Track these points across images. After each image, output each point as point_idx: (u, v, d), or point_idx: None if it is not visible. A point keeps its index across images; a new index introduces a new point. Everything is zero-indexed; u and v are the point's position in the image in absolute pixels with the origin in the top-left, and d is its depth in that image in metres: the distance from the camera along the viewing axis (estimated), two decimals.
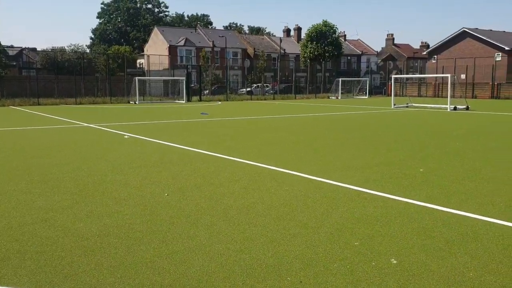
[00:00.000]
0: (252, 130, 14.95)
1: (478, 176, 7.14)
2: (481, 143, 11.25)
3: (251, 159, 8.77)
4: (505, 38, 52.10)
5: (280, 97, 45.27)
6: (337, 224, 4.78)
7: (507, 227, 4.67)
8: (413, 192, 6.14)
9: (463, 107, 25.40)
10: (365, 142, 11.50)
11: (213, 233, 4.50)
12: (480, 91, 45.64)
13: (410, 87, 52.33)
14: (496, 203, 5.55)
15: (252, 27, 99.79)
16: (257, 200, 5.75)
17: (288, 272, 3.59)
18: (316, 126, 16.14)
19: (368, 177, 7.07)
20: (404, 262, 3.77)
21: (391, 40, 74.89)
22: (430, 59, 56.27)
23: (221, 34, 63.96)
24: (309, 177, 7.12)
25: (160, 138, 12.25)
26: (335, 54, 58.35)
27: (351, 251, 4.01)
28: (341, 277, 3.49)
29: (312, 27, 58.51)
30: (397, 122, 17.74)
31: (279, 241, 4.26)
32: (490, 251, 3.99)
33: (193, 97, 40.17)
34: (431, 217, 5.00)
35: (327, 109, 27.14)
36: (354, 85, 52.87)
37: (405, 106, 28.69)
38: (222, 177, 7.12)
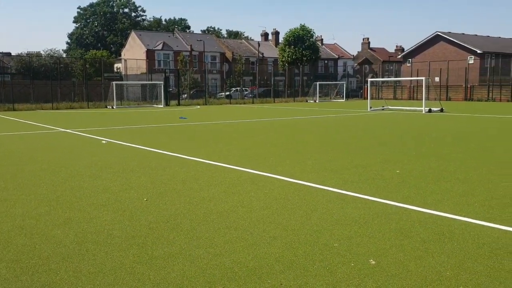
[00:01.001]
0: (231, 134, 14.95)
1: (453, 177, 7.28)
2: (455, 145, 11.48)
3: (231, 163, 8.77)
4: (477, 41, 53.37)
5: (259, 101, 45.37)
6: (316, 226, 4.82)
7: (482, 226, 4.78)
8: (390, 193, 6.23)
9: (438, 109, 25.88)
10: (343, 145, 11.62)
11: (193, 238, 4.49)
12: (454, 93, 46.59)
13: (386, 90, 53.10)
14: (471, 203, 5.67)
15: (230, 31, 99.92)
16: (237, 203, 5.76)
17: (269, 274, 3.61)
18: (295, 130, 16.23)
19: (346, 179, 7.15)
20: (382, 262, 3.83)
21: (367, 44, 75.86)
22: (405, 62, 57.22)
23: (199, 38, 63.80)
24: (289, 180, 7.16)
25: (138, 143, 12.15)
26: (313, 58, 58.82)
27: (331, 253, 4.05)
28: (321, 279, 3.52)
29: (289, 32, 58.89)
30: (374, 125, 17.97)
31: (259, 244, 4.28)
32: (466, 250, 4.08)
33: (172, 102, 39.96)
34: (408, 218, 5.08)
35: (305, 112, 27.32)
36: (332, 89, 53.40)
37: (381, 109, 29.10)
38: (202, 182, 7.11)
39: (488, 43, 54.40)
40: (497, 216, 5.09)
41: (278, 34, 71.54)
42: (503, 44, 56.15)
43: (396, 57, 65.00)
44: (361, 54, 75.51)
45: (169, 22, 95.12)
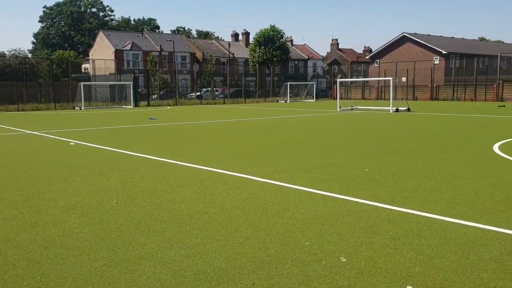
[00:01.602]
0: (202, 134, 14.88)
1: (420, 175, 7.45)
2: (422, 143, 11.75)
3: (202, 163, 8.73)
4: (442, 42, 54.78)
5: (230, 101, 45.32)
6: (288, 225, 4.85)
7: (448, 222, 4.91)
8: (359, 191, 6.33)
9: (405, 109, 26.43)
10: (313, 144, 11.73)
11: (164, 239, 4.45)
12: (420, 93, 47.67)
13: (355, 90, 53.89)
14: (437, 200, 5.82)
15: (200, 31, 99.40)
16: (208, 204, 5.74)
17: (241, 275, 3.61)
18: (266, 130, 16.29)
19: (317, 178, 7.22)
20: (353, 260, 3.89)
21: (336, 45, 76.79)
22: (373, 63, 58.22)
23: (169, 38, 63.25)
24: (260, 179, 7.18)
25: (107, 144, 11.96)
26: (283, 59, 59.19)
27: (302, 251, 4.09)
28: (293, 278, 3.55)
29: (260, 32, 59.08)
30: (343, 125, 18.22)
31: (231, 245, 4.28)
32: (433, 246, 4.19)
33: (141, 102, 39.50)
34: (377, 215, 5.18)
35: (276, 112, 27.44)
36: (302, 89, 53.84)
37: (350, 108, 29.52)
38: (173, 183, 7.05)
39: (452, 44, 55.91)
40: (462, 213, 5.23)
41: (249, 34, 71.63)
42: (467, 45, 57.81)
43: (364, 58, 66.10)
44: (330, 54, 76.38)
45: (138, 22, 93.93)
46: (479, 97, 42.99)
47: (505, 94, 41.32)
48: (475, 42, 65.51)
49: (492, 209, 5.35)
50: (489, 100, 41.73)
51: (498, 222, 4.84)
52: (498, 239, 4.34)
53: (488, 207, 5.44)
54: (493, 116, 21.78)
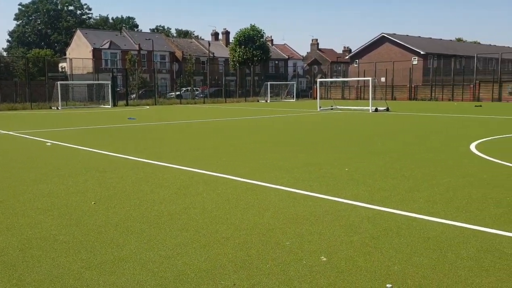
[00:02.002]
0: (182, 134, 14.79)
1: (399, 174, 7.54)
2: (401, 142, 11.89)
3: (182, 164, 8.67)
4: (420, 42, 55.59)
5: (210, 101, 45.17)
6: (268, 224, 4.85)
7: (427, 221, 4.97)
8: (339, 190, 6.37)
9: (384, 108, 26.73)
10: (293, 144, 11.77)
11: (143, 241, 4.40)
12: (399, 93, 48.28)
13: (334, 90, 54.29)
14: (416, 199, 5.89)
15: (179, 30, 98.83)
16: (188, 205, 5.70)
17: (222, 275, 3.59)
18: (247, 130, 16.28)
19: (297, 178, 7.24)
20: (333, 259, 3.90)
21: (316, 45, 77.23)
22: (352, 63, 58.75)
23: (148, 37, 62.70)
24: (241, 179, 7.17)
25: (85, 145, 11.79)
26: (263, 58, 59.25)
27: (283, 251, 4.09)
28: (273, 278, 3.54)
29: (240, 31, 59.02)
30: (323, 124, 18.33)
31: (212, 245, 4.25)
32: (413, 245, 4.23)
33: (120, 102, 39.08)
34: (357, 214, 5.21)
35: (257, 112, 27.46)
36: (282, 89, 53.99)
37: (330, 108, 29.72)
38: (152, 183, 6.98)
39: (430, 44, 56.77)
40: (440, 211, 5.31)
41: (229, 34, 71.50)
42: (444, 46, 58.77)
43: (344, 58, 66.64)
44: (310, 55, 76.78)
45: (116, 21, 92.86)
46: (456, 97, 43.75)
47: (481, 94, 42.15)
48: (452, 42, 66.65)
49: (469, 208, 5.44)
50: (466, 100, 42.51)
51: (475, 220, 4.93)
52: (475, 237, 4.41)
53: (465, 206, 5.53)
54: (470, 116, 22.19)
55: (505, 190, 6.27)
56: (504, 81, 41.27)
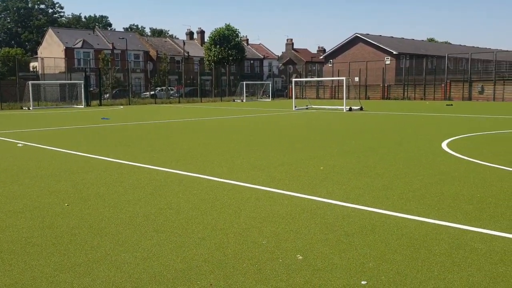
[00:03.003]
0: (157, 134, 14.66)
1: (373, 172, 7.65)
2: (374, 141, 12.06)
3: (157, 164, 8.60)
4: (393, 43, 56.47)
5: (185, 101, 44.91)
6: (245, 224, 4.85)
7: (400, 218, 5.05)
8: (315, 189, 6.42)
9: (358, 108, 27.06)
10: (269, 143, 11.80)
11: (118, 242, 4.35)
12: (372, 92, 48.95)
13: (309, 90, 54.67)
14: (389, 196, 5.98)
15: (154, 29, 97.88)
16: (164, 205, 5.66)
17: (198, 276, 3.58)
18: (222, 129, 16.24)
19: (273, 177, 7.27)
20: (309, 257, 3.93)
21: (291, 45, 77.61)
22: (327, 63, 59.26)
23: (122, 36, 61.92)
24: (217, 179, 7.15)
25: (58, 145, 11.57)
26: (239, 58, 59.24)
27: (259, 250, 4.10)
28: (250, 277, 3.55)
29: (215, 31, 58.87)
30: (299, 124, 18.44)
31: (188, 246, 4.23)
32: (386, 242, 4.30)
33: (93, 102, 38.49)
34: (332, 212, 5.27)
35: (232, 112, 27.43)
36: (258, 88, 54.07)
37: (305, 108, 29.92)
38: (127, 184, 6.90)
39: (402, 44, 57.71)
40: (414, 208, 5.41)
41: (204, 33, 71.21)
42: (416, 46, 59.83)
43: (319, 58, 67.14)
44: (285, 54, 77.11)
45: (89, 20, 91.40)
46: (428, 96, 44.61)
47: (452, 93, 43.09)
48: (424, 43, 67.89)
49: (441, 205, 5.56)
50: (437, 99, 43.39)
51: (447, 217, 5.04)
52: (447, 233, 4.51)
53: (438, 203, 5.65)
54: (441, 115, 22.66)
55: (475, 187, 6.43)
56: (474, 81, 42.29)
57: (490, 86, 40.78)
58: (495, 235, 4.44)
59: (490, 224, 4.75)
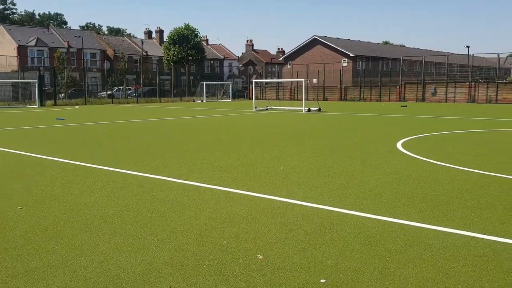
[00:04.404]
0: (114, 135, 14.36)
1: (331, 171, 7.78)
2: (332, 141, 12.28)
3: (114, 165, 8.43)
4: (350, 45, 57.68)
5: (144, 101, 44.22)
6: (205, 225, 4.83)
7: (357, 216, 5.17)
8: (275, 189, 6.47)
9: (316, 109, 27.46)
10: (230, 144, 11.79)
11: (75, 246, 4.23)
12: (330, 94, 49.77)
13: (270, 91, 55.01)
14: (347, 195, 6.11)
15: (111, 28, 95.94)
16: (122, 207, 5.55)
17: (158, 278, 3.54)
18: (182, 130, 16.10)
19: (234, 177, 7.27)
20: (269, 256, 3.96)
21: (251, 46, 77.89)
22: (286, 64, 59.84)
23: (77, 34, 60.28)
24: (177, 180, 7.08)
25: (10, 147, 11.13)
26: (198, 58, 58.87)
27: (220, 251, 4.09)
28: (210, 278, 3.54)
29: (174, 30, 58.29)
30: (259, 124, 18.52)
31: (147, 248, 4.17)
32: (345, 240, 4.39)
33: (47, 101, 37.27)
34: (292, 212, 5.32)
35: (192, 112, 27.24)
36: (218, 89, 53.95)
37: (265, 109, 30.09)
38: (83, 186, 6.73)
39: (359, 47, 59.03)
40: (370, 207, 5.54)
41: (163, 32, 70.39)
42: (372, 48, 61.33)
43: (278, 59, 67.68)
44: (245, 55, 77.29)
45: (43, 17, 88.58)
46: (383, 97, 45.78)
47: (407, 95, 44.41)
48: (379, 45, 69.69)
49: (396, 203, 5.72)
50: (392, 100, 44.59)
51: (402, 215, 5.19)
52: (402, 231, 4.65)
53: (393, 201, 5.81)
54: (396, 116, 23.31)
55: (429, 186, 6.66)
56: (427, 83, 43.76)
57: (443, 88, 42.31)
58: (448, 232, 4.61)
59: (443, 222, 4.93)
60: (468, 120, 19.82)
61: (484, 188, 6.51)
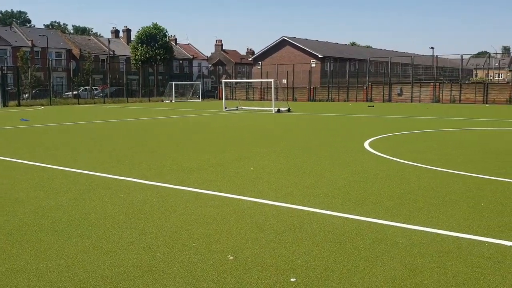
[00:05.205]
0: (80, 136, 14.06)
1: (300, 171, 7.84)
2: (301, 141, 12.37)
3: (81, 167, 8.25)
4: (318, 46, 58.27)
5: (111, 101, 43.49)
6: (175, 227, 4.78)
7: (327, 215, 5.22)
8: (245, 189, 6.47)
9: (286, 109, 27.63)
10: (200, 144, 11.73)
11: (40, 250, 4.12)
12: (299, 94, 50.17)
13: (239, 91, 55.01)
14: (316, 194, 6.16)
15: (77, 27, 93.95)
16: (89, 210, 5.44)
17: (126, 281, 3.48)
18: (150, 131, 15.90)
19: (204, 178, 7.23)
20: (240, 257, 3.95)
21: (220, 46, 77.65)
22: (256, 64, 59.95)
23: (42, 33, 58.79)
24: (146, 182, 6.99)
25: None
26: (167, 58, 58.30)
27: (190, 252, 4.06)
28: (180, 280, 3.51)
29: (142, 30, 57.56)
30: (229, 124, 18.49)
31: (115, 251, 4.10)
32: (314, 239, 4.42)
33: (11, 102, 36.17)
34: (262, 212, 5.33)
35: (161, 112, 26.95)
36: (188, 89, 53.57)
37: (235, 109, 30.07)
38: (48, 189, 6.56)
39: (327, 48, 59.71)
40: (339, 205, 5.61)
41: (130, 31, 69.37)
42: (340, 50, 62.13)
43: (248, 60, 67.72)
44: (214, 55, 77.00)
45: (5, 15, 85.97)
46: (351, 98, 46.47)
47: (373, 95, 45.21)
48: (347, 46, 70.68)
49: (364, 201, 5.81)
50: (360, 100, 45.32)
51: (370, 213, 5.27)
52: (370, 229, 4.72)
53: (361, 200, 5.90)
54: (363, 116, 23.69)
55: (396, 184, 6.79)
56: (393, 83, 44.67)
57: (408, 88, 43.27)
58: (414, 229, 4.72)
59: (410, 219, 5.04)
60: (433, 120, 20.33)
61: (449, 186, 6.69)
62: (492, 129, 16.17)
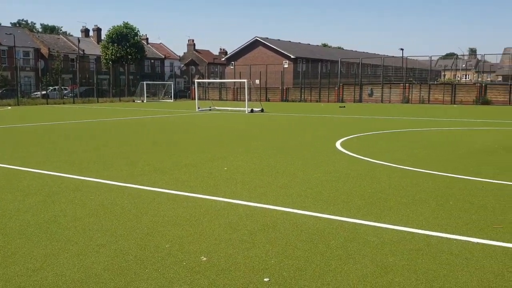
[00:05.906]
0: (49, 137, 13.75)
1: (274, 171, 7.86)
2: (274, 141, 12.41)
3: (49, 169, 8.06)
4: (291, 47, 58.61)
5: (81, 101, 42.71)
6: (147, 228, 4.73)
7: (300, 214, 5.25)
8: (219, 189, 6.45)
9: (259, 109, 27.68)
10: (172, 145, 11.63)
11: (7, 254, 4.01)
12: (272, 94, 50.32)
13: (212, 91, 54.80)
14: (290, 194, 6.19)
15: (45, 25, 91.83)
16: (58, 213, 5.32)
17: (97, 284, 3.42)
18: (121, 131, 15.68)
19: (177, 179, 7.17)
20: (213, 258, 3.94)
21: (193, 46, 77.20)
22: (229, 65, 59.86)
23: (9, 31, 57.08)
24: (117, 184, 6.88)
25: None
26: (138, 57, 57.59)
27: (162, 254, 4.02)
28: (153, 282, 3.47)
29: (112, 29, 56.66)
30: (202, 125, 18.40)
31: (85, 254, 4.02)
32: (287, 238, 4.44)
33: None
34: (236, 212, 5.33)
35: (133, 112, 26.61)
36: (160, 89, 53.08)
37: (209, 109, 29.96)
38: (16, 191, 6.39)
39: (299, 49, 60.10)
40: (311, 205, 5.65)
41: (100, 31, 68.20)
42: (312, 51, 62.63)
43: (220, 60, 67.57)
44: (187, 55, 76.49)
45: None
46: (323, 98, 46.88)
47: (345, 96, 45.73)
48: (319, 48, 71.30)
49: (336, 200, 5.87)
50: (331, 101, 45.77)
51: (341, 212, 5.33)
52: (342, 227, 4.77)
53: (333, 199, 5.96)
54: (335, 116, 23.94)
55: (367, 184, 6.89)
56: (364, 84, 45.30)
57: (379, 89, 43.96)
58: (385, 227, 4.79)
59: (381, 218, 5.12)
60: (402, 120, 20.71)
61: (418, 185, 6.82)
62: (460, 129, 16.59)
